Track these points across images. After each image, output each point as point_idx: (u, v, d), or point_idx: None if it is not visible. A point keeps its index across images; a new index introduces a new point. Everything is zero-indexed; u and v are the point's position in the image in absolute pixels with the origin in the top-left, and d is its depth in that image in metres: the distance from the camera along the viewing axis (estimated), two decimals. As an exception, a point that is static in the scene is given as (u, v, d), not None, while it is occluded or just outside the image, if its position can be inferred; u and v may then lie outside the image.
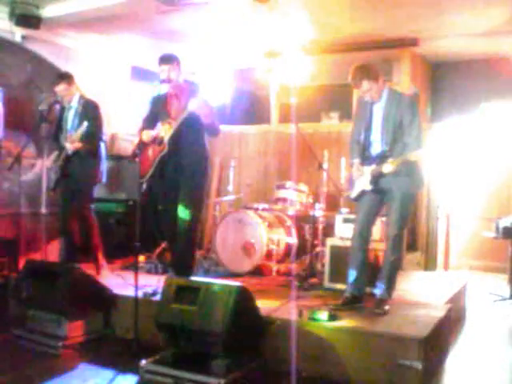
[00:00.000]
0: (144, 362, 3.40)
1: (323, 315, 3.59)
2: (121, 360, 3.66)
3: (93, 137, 4.93)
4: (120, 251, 5.76)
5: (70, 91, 5.04)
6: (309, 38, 6.62)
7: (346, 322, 3.62)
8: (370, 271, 4.20)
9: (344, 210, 5.12)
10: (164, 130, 4.47)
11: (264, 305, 3.86)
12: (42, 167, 5.94)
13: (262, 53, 7.23)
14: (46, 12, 5.81)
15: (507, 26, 5.78)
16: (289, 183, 5.79)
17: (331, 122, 7.49)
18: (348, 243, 4.32)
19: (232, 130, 7.45)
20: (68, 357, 3.77)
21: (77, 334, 3.97)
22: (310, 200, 5.79)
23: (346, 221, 4.79)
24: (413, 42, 6.47)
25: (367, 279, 4.13)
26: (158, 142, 4.50)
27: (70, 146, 4.90)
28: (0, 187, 5.74)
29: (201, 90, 4.34)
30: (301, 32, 6.36)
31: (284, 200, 5.77)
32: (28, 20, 5.70)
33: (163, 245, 5.53)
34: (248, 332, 3.47)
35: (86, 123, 4.73)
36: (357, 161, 4.10)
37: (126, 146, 6.76)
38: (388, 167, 3.82)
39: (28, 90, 6.04)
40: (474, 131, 7.03)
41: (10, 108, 5.66)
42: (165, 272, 5.06)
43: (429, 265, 6.89)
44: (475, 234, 7.01)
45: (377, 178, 3.95)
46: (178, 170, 4.54)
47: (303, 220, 5.71)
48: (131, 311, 3.83)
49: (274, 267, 5.28)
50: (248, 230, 5.31)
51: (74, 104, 5.05)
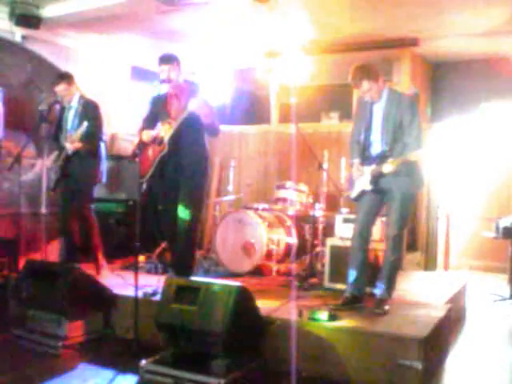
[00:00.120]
0: (144, 362, 3.40)
1: (323, 315, 3.59)
2: (121, 360, 3.66)
3: (93, 137, 4.93)
4: (120, 251, 5.76)
5: (70, 91, 5.04)
6: (309, 38, 6.62)
7: (345, 322, 3.61)
8: (370, 271, 4.20)
9: (344, 209, 5.12)
10: (164, 130, 4.47)
11: (264, 305, 3.86)
12: (41, 167, 5.94)
13: (261, 53, 7.23)
14: (46, 12, 5.82)
15: (507, 25, 5.78)
16: (289, 183, 5.79)
17: (331, 122, 7.49)
18: (348, 243, 4.32)
19: (232, 129, 7.45)
20: (68, 357, 3.77)
21: (77, 334, 3.97)
22: (310, 200, 5.79)
23: (346, 221, 4.79)
24: (413, 42, 6.47)
25: (367, 279, 4.13)
26: (157, 141, 4.50)
27: (70, 146, 4.90)
28: (0, 187, 5.75)
29: (201, 90, 4.34)
30: (301, 32, 6.36)
31: (284, 200, 5.78)
32: (28, 20, 5.70)
33: (163, 245, 5.53)
34: (248, 332, 3.47)
35: (86, 123, 4.73)
36: (357, 161, 4.10)
37: (126, 146, 6.76)
38: (388, 167, 3.82)
39: (28, 90, 6.04)
40: (474, 131, 7.02)
41: (10, 108, 5.66)
42: (165, 272, 5.06)
43: (429, 265, 6.89)
44: (475, 234, 7.01)
45: (377, 178, 3.95)
46: (178, 170, 4.54)
47: (303, 220, 5.71)
48: (131, 311, 3.83)
49: (274, 267, 5.28)
50: (248, 230, 5.31)
51: (74, 104, 5.05)
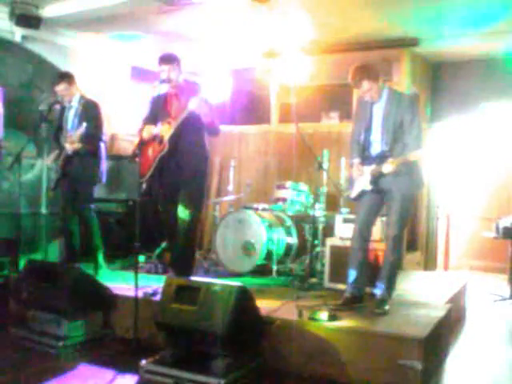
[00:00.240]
0: (144, 362, 3.39)
1: (323, 315, 3.59)
2: (121, 360, 3.66)
3: (92, 137, 4.93)
4: (120, 251, 5.76)
5: (71, 91, 5.04)
6: (308, 38, 6.62)
7: (346, 322, 3.61)
8: (370, 271, 4.20)
9: (344, 209, 5.12)
10: (164, 130, 4.47)
11: (264, 305, 3.86)
12: (41, 167, 5.94)
13: (261, 53, 7.23)
14: (46, 12, 5.82)
15: (507, 26, 5.78)
16: (289, 183, 5.79)
17: (331, 122, 7.48)
18: (348, 243, 4.32)
19: (232, 130, 7.45)
20: (68, 357, 3.77)
21: (77, 334, 3.96)
22: (310, 200, 5.79)
23: (346, 221, 4.79)
24: (413, 42, 6.47)
25: (367, 279, 4.13)
26: (158, 140, 4.50)
27: (70, 146, 4.90)
28: (0, 187, 5.75)
29: (201, 90, 4.34)
30: (300, 32, 6.36)
31: (284, 200, 5.78)
32: (28, 20, 5.70)
33: (163, 245, 5.54)
34: (248, 332, 3.46)
35: (85, 124, 4.73)
36: (357, 161, 4.09)
37: (126, 146, 6.76)
38: (388, 167, 3.82)
39: (28, 90, 6.04)
40: (474, 131, 7.03)
41: (10, 108, 5.67)
42: (165, 272, 5.06)
43: (429, 265, 6.89)
44: (475, 234, 7.02)
45: (377, 178, 3.95)
46: (178, 169, 4.53)
47: (303, 220, 5.70)
48: (131, 311, 3.83)
49: (274, 267, 5.28)
50: (248, 230, 5.31)
51: (75, 104, 5.05)
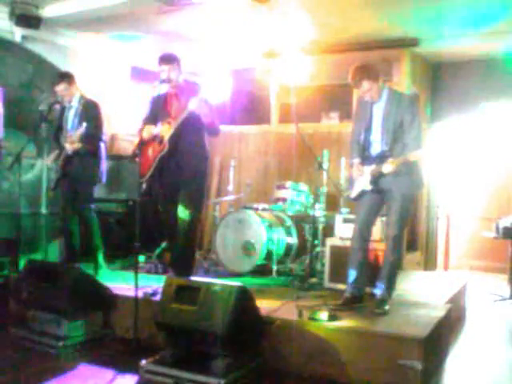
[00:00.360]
0: (144, 362, 3.39)
1: (323, 315, 3.59)
2: (121, 360, 3.66)
3: (92, 137, 4.93)
4: (120, 251, 5.76)
5: (71, 91, 5.04)
6: (308, 38, 6.62)
7: (346, 322, 3.61)
8: (370, 271, 4.20)
9: (344, 209, 5.12)
10: (164, 130, 4.47)
11: (264, 305, 3.86)
12: (41, 167, 5.94)
13: (261, 53, 7.23)
14: (46, 12, 5.82)
15: (507, 26, 5.78)
16: (289, 183, 5.79)
17: (331, 122, 7.49)
18: (348, 243, 4.32)
19: (232, 130, 7.45)
20: (68, 357, 3.77)
21: (77, 334, 3.96)
22: (310, 200, 5.79)
23: (346, 221, 4.79)
24: (413, 42, 6.48)
25: (367, 279, 4.13)
26: (158, 140, 4.50)
27: (70, 146, 4.91)
28: (0, 187, 5.74)
29: (201, 90, 4.34)
30: (300, 32, 6.36)
31: (284, 200, 5.78)
32: (28, 20, 5.70)
33: (163, 245, 5.53)
34: (248, 332, 3.46)
35: (85, 124, 4.73)
36: (357, 161, 4.09)
37: (126, 146, 6.76)
38: (388, 167, 3.81)
39: (28, 90, 6.04)
40: (474, 131, 7.03)
41: (10, 108, 5.67)
42: (165, 272, 5.06)
43: (429, 265, 6.89)
44: (475, 234, 7.02)
45: (377, 178, 3.94)
46: (178, 169, 4.53)
47: (303, 220, 5.70)
48: (131, 311, 3.83)
49: (274, 267, 5.28)
50: (248, 230, 5.31)
51: (75, 104, 5.05)
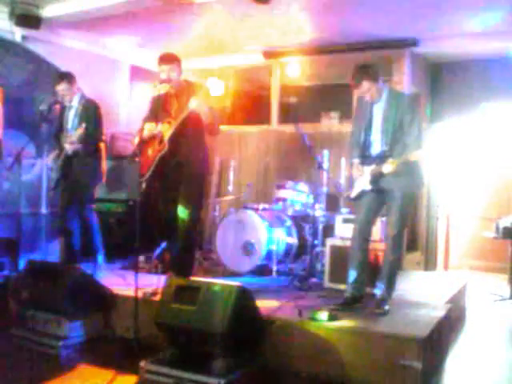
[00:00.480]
0: (144, 362, 3.40)
1: (323, 315, 3.59)
2: (121, 360, 3.66)
3: (91, 138, 4.93)
4: (120, 251, 5.76)
5: (71, 91, 5.04)
6: (308, 38, 6.62)
7: (346, 322, 3.61)
8: (370, 271, 4.20)
9: (344, 210, 5.12)
10: (164, 130, 4.47)
11: (264, 305, 3.86)
12: (41, 167, 5.94)
13: (261, 53, 7.23)
14: (46, 12, 5.82)
15: (507, 26, 5.78)
16: (289, 183, 5.79)
17: (331, 122, 7.48)
18: (348, 243, 4.32)
19: (232, 130, 7.45)
20: (68, 357, 3.77)
21: (77, 334, 3.97)
22: (310, 200, 5.79)
23: (346, 221, 4.79)
24: (413, 42, 6.48)
25: (367, 279, 4.13)
26: (158, 140, 4.49)
27: (70, 146, 4.91)
28: (0, 187, 5.74)
29: (201, 90, 4.34)
30: (300, 32, 6.36)
31: (284, 200, 5.78)
32: (28, 20, 5.70)
33: (163, 245, 5.53)
34: (248, 332, 3.46)
35: (84, 124, 4.73)
36: (356, 161, 4.09)
37: (126, 146, 6.76)
38: (388, 167, 3.81)
39: (28, 90, 6.04)
40: (474, 131, 7.03)
41: (10, 108, 5.66)
42: (165, 272, 5.06)
43: (429, 265, 6.89)
44: (475, 234, 7.01)
45: (377, 178, 3.94)
46: (178, 169, 4.53)
47: (303, 220, 5.70)
48: (131, 311, 3.82)
49: (274, 267, 5.28)
50: (248, 230, 5.31)
51: (75, 104, 5.05)
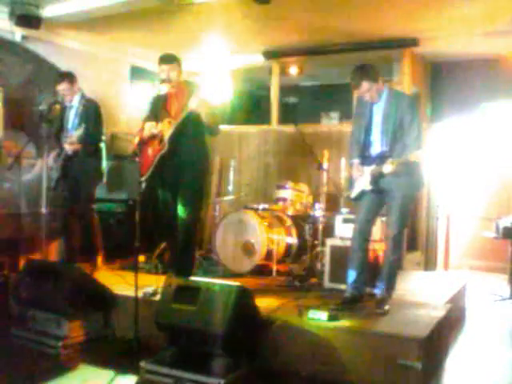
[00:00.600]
0: (144, 362, 3.40)
1: (323, 315, 3.59)
2: (121, 360, 3.66)
3: (91, 138, 4.93)
4: (120, 251, 5.75)
5: (72, 90, 5.05)
6: (308, 38, 6.62)
7: (346, 322, 3.61)
8: (370, 271, 4.20)
9: (344, 210, 5.11)
10: (164, 129, 4.47)
11: (264, 305, 3.87)
12: (42, 167, 5.93)
13: (261, 53, 7.23)
14: (46, 12, 5.81)
15: (507, 25, 5.78)
16: (289, 183, 5.79)
17: (331, 122, 7.48)
18: (348, 243, 4.32)
19: (232, 130, 7.45)
20: (68, 357, 3.77)
21: (77, 334, 3.96)
22: (310, 200, 5.79)
23: (346, 221, 4.79)
24: (413, 42, 6.48)
25: (367, 279, 4.13)
26: (158, 140, 4.49)
27: (69, 147, 4.91)
28: (0, 187, 5.74)
29: (201, 90, 4.34)
30: (300, 32, 6.35)
31: (284, 200, 5.78)
32: (28, 20, 5.69)
33: (163, 245, 5.53)
34: (248, 332, 3.46)
35: (84, 125, 4.73)
36: (356, 161, 4.09)
37: (126, 146, 6.75)
38: (388, 167, 3.81)
39: (28, 90, 6.04)
40: (474, 131, 7.03)
41: (10, 108, 5.66)
42: (165, 272, 5.06)
43: (429, 265, 6.89)
44: (475, 234, 7.01)
45: (377, 178, 3.94)
46: (178, 169, 4.53)
47: (303, 220, 5.70)
48: (131, 311, 3.82)
49: (274, 267, 5.27)
50: (248, 230, 5.31)
51: (75, 103, 5.05)
